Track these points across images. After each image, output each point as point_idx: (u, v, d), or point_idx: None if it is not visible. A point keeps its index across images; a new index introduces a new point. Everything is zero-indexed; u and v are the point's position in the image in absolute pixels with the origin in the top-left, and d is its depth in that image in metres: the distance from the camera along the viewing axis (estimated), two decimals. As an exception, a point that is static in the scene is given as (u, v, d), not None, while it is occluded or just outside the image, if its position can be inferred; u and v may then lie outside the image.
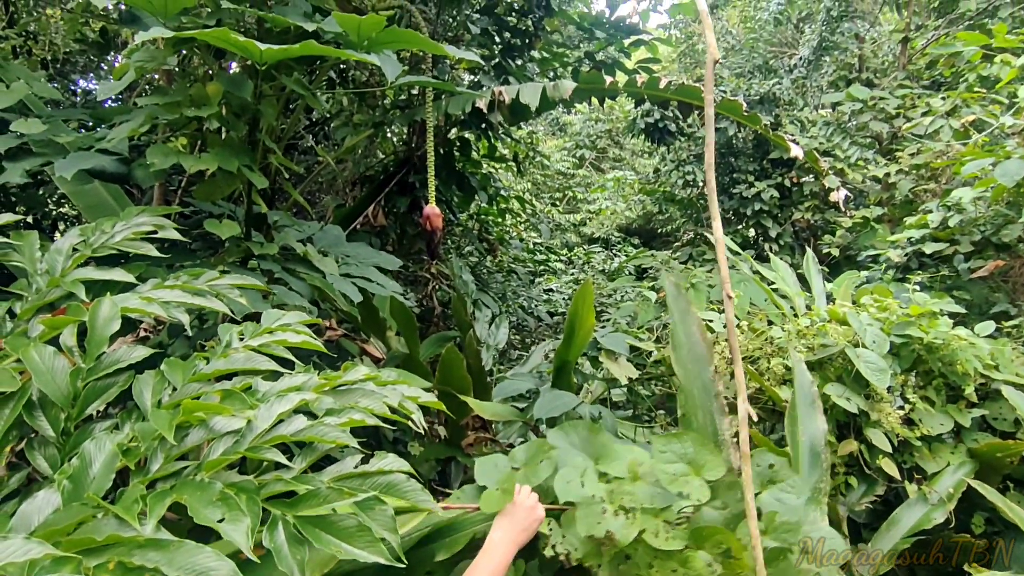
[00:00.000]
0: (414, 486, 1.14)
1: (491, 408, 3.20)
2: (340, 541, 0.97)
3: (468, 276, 5.76)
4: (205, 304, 1.46)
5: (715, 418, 2.38)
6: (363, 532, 0.99)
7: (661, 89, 4.10)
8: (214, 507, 0.93)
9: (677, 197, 10.49)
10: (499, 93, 4.36)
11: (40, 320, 1.29)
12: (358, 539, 0.98)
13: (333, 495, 1.01)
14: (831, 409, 2.72)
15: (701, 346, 2.51)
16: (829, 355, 2.79)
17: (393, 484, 1.13)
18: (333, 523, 1.00)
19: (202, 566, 0.83)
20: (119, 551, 0.83)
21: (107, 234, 1.56)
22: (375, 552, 0.96)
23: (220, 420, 1.11)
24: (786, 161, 8.30)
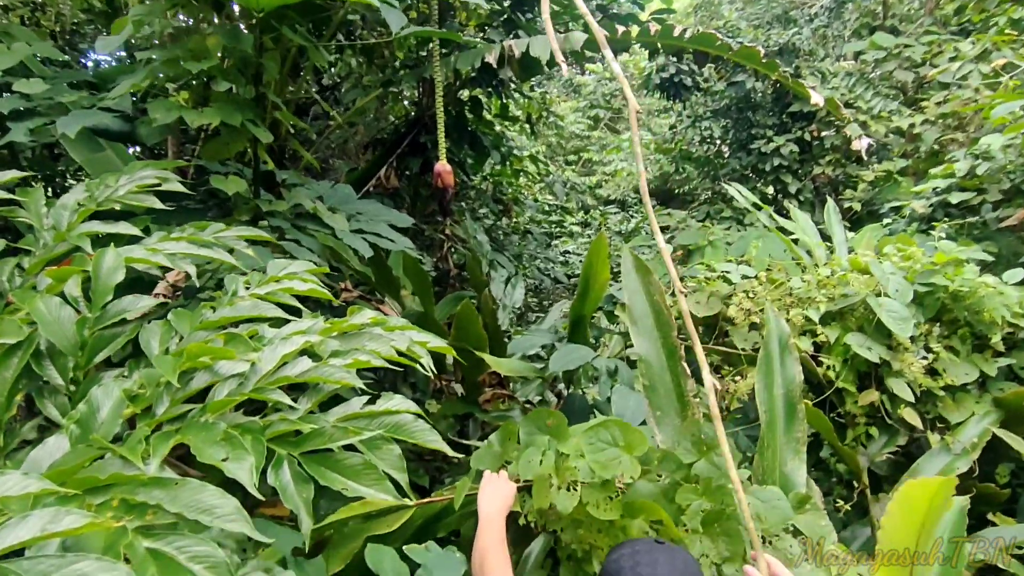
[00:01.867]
0: (422, 426, 1.13)
1: (508, 364, 3.20)
2: (346, 479, 0.97)
3: (483, 237, 5.72)
4: (212, 256, 1.45)
5: (680, 381, 2.40)
6: (369, 470, 0.98)
7: (675, 37, 3.97)
8: (218, 447, 0.92)
9: (694, 155, 10.29)
10: (509, 47, 4.26)
11: (46, 272, 1.29)
12: (364, 477, 0.97)
13: (338, 434, 1.00)
14: (851, 359, 2.67)
15: (664, 314, 2.49)
16: (850, 305, 2.73)
17: (401, 424, 1.11)
18: (338, 461, 0.99)
19: (206, 503, 0.83)
20: (122, 490, 0.83)
21: (111, 188, 1.55)
22: (381, 490, 0.95)
23: (224, 364, 1.10)
24: (806, 114, 8.07)
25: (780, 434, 2.36)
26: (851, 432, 2.68)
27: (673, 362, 2.44)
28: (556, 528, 2.00)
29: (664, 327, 2.48)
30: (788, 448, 2.33)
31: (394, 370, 3.97)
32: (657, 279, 2.51)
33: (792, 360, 2.40)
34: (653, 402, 2.39)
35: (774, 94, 8.29)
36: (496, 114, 6.26)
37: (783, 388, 2.38)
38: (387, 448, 1.03)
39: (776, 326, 2.47)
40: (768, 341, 2.46)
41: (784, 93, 8.18)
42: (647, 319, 2.50)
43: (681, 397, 2.39)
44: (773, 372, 2.42)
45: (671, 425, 2.37)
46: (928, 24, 8.02)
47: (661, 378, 2.42)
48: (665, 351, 2.45)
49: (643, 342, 2.46)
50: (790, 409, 2.36)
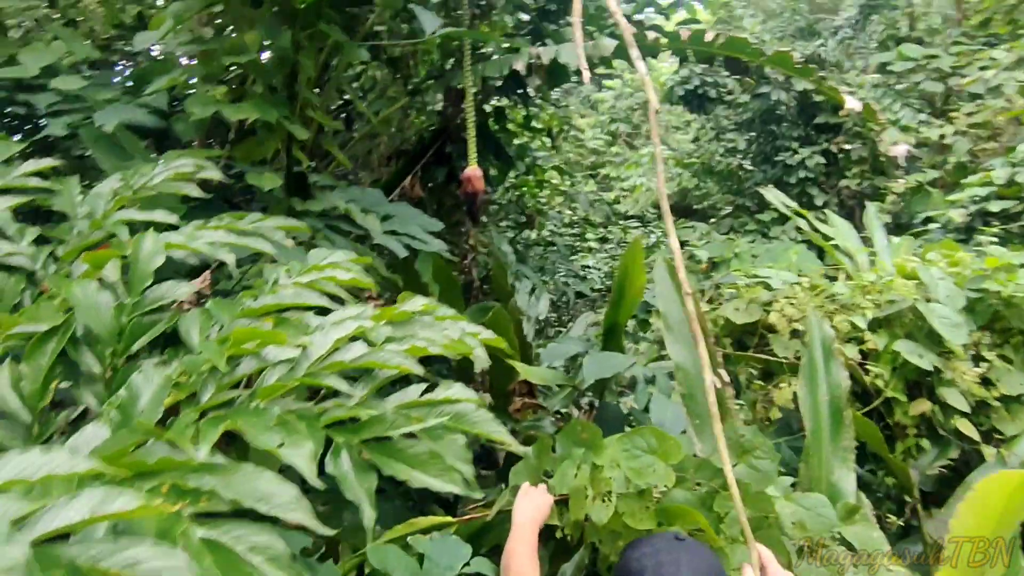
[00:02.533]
0: (484, 416, 1.06)
1: (539, 373, 3.12)
2: (410, 468, 0.89)
3: (507, 248, 5.67)
4: (250, 244, 1.40)
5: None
6: (435, 459, 0.91)
7: (707, 43, 3.92)
8: (272, 432, 0.86)
9: (716, 168, 10.21)
10: (536, 55, 4.23)
11: (83, 256, 1.24)
12: (430, 467, 0.90)
13: (400, 420, 0.93)
14: (900, 367, 2.56)
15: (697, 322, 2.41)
16: (898, 311, 2.63)
17: (462, 414, 1.04)
18: (401, 449, 0.92)
19: (262, 491, 0.77)
20: (172, 475, 0.77)
21: (147, 176, 1.51)
22: (449, 481, 0.88)
23: (272, 349, 1.04)
24: (832, 126, 7.97)
25: (826, 443, 2.26)
26: (900, 444, 2.57)
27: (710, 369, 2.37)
28: (594, 540, 1.93)
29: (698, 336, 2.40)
30: (835, 457, 2.23)
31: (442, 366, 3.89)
32: (690, 287, 2.44)
33: (837, 365, 2.31)
34: (691, 410, 2.30)
35: (799, 106, 8.21)
36: (520, 124, 6.24)
37: (828, 394, 2.28)
38: (450, 438, 0.96)
39: (819, 330, 2.38)
40: (811, 346, 2.36)
41: (809, 105, 8.09)
42: (682, 327, 2.40)
43: (720, 405, 2.31)
44: (817, 378, 2.32)
45: (711, 433, 2.28)
46: (956, 35, 7.93)
47: (699, 386, 2.34)
48: (697, 360, 2.38)
49: (679, 350, 2.37)
50: (836, 416, 2.26)
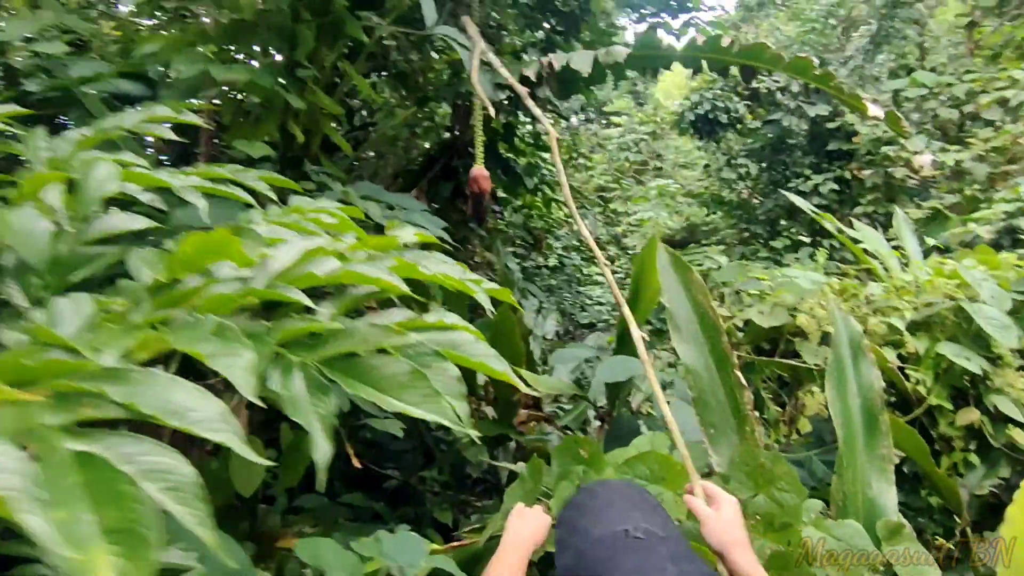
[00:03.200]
0: (485, 350, 0.86)
1: (547, 382, 2.92)
2: (382, 392, 0.69)
3: (514, 264, 5.51)
4: (225, 191, 1.22)
5: (735, 392, 2.07)
6: (418, 382, 0.71)
7: (723, 49, 3.80)
8: (205, 342, 0.67)
9: (726, 199, 10.09)
10: (548, 63, 4.13)
11: (22, 180, 1.07)
12: (410, 391, 0.70)
13: (375, 334, 0.74)
14: (943, 373, 2.35)
15: (709, 316, 2.17)
16: (938, 313, 2.42)
17: (457, 343, 0.85)
18: (374, 367, 0.72)
19: (177, 403, 0.58)
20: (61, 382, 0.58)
21: (120, 118, 1.34)
22: (434, 410, 0.68)
23: (226, 266, 0.85)
24: (846, 153, 7.86)
25: (860, 451, 2.03)
26: (946, 458, 2.34)
27: (725, 372, 2.11)
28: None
29: (711, 331, 2.15)
30: (871, 467, 2.00)
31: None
32: (699, 277, 2.24)
33: (867, 364, 2.09)
34: (705, 418, 2.06)
35: (811, 133, 8.11)
36: (528, 144, 6.13)
37: (859, 397, 2.07)
38: (439, 367, 0.76)
39: (845, 327, 2.17)
40: (837, 344, 2.15)
41: (822, 132, 8.00)
42: (691, 323, 2.18)
43: (737, 411, 2.05)
44: (846, 379, 2.10)
45: (727, 443, 2.04)
46: (969, 65, 7.86)
47: (712, 390, 2.09)
48: (714, 359, 2.13)
49: (688, 349, 2.14)
50: (870, 421, 2.03)
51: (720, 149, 8.81)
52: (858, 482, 2.01)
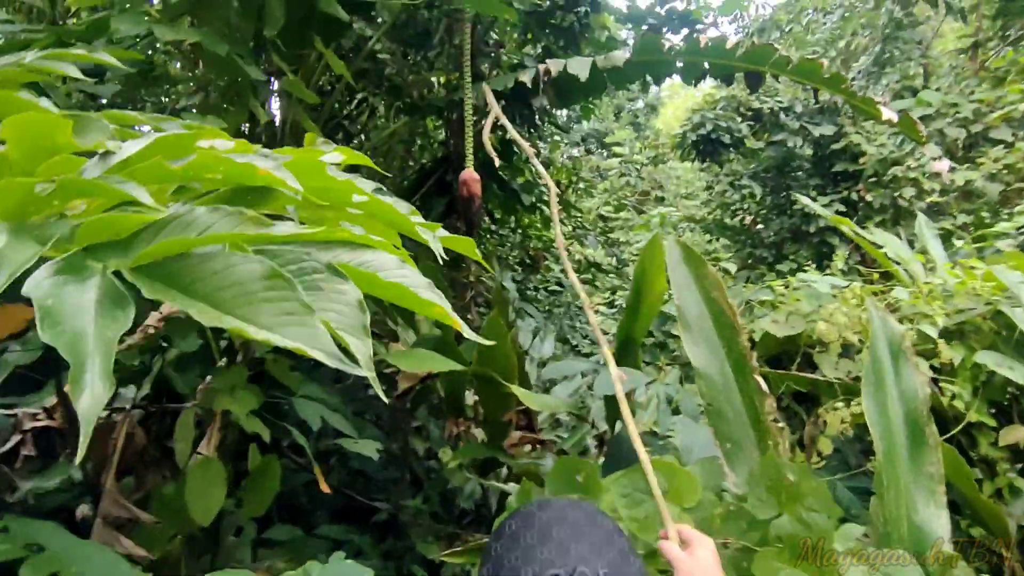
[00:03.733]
0: (413, 279, 0.63)
1: (540, 399, 2.66)
2: (215, 307, 0.45)
3: (511, 284, 5.28)
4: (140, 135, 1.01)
5: (754, 400, 1.82)
6: (280, 293, 0.47)
7: (727, 52, 3.63)
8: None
9: (729, 223, 9.91)
10: (545, 69, 3.96)
11: None
12: (263, 306, 0.46)
13: (220, 223, 0.50)
14: (984, 385, 2.09)
15: (725, 315, 1.94)
16: (972, 320, 2.18)
17: (372, 266, 0.61)
18: (209, 272, 0.48)
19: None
20: None
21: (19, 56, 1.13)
22: (299, 335, 0.44)
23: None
24: (851, 174, 7.69)
25: (904, 469, 1.77)
26: (989, 483, 2.07)
27: (743, 377, 1.87)
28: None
29: (727, 331, 1.92)
30: (918, 488, 1.74)
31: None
32: (714, 272, 2.00)
33: (910, 368, 1.84)
34: (720, 431, 1.83)
35: (816, 155, 7.96)
36: (527, 160, 5.96)
37: (903, 406, 1.81)
38: (333, 288, 0.52)
39: (883, 327, 1.92)
40: (875, 346, 1.90)
41: (827, 153, 7.84)
42: (704, 322, 1.94)
43: (757, 422, 1.81)
44: (885, 385, 1.85)
45: (747, 460, 1.78)
46: (975, 84, 7.74)
47: (728, 398, 1.85)
48: (731, 363, 1.89)
49: (701, 352, 1.90)
50: (916, 434, 1.78)
51: (723, 171, 8.65)
52: (902, 504, 1.74)
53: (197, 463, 2.37)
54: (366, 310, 0.52)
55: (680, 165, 15.71)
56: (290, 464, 3.00)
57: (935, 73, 8.69)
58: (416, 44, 5.26)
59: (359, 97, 5.71)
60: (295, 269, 0.53)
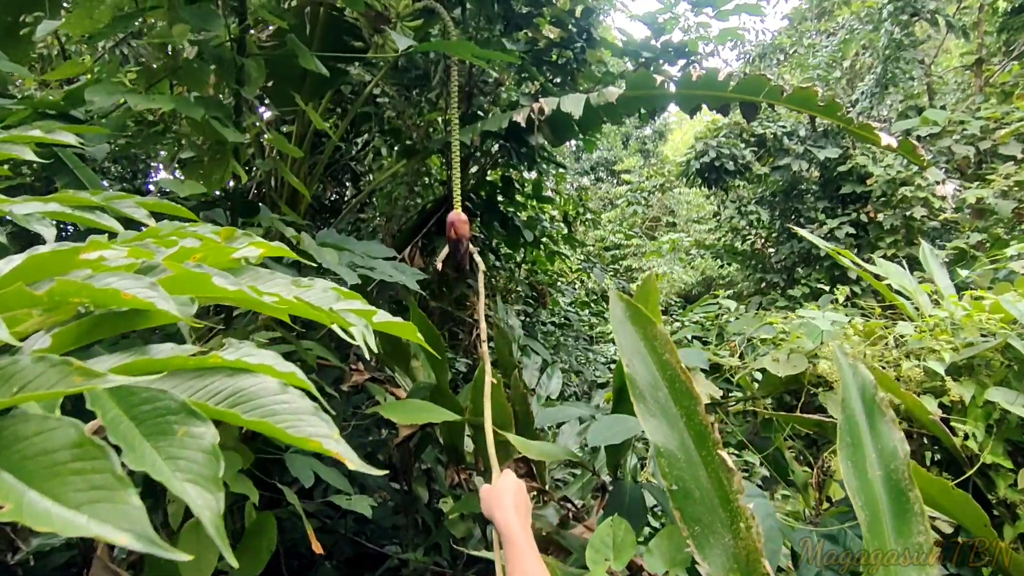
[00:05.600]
0: (296, 405, 0.57)
1: (539, 448, 2.58)
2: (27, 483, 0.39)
3: (515, 321, 5.23)
4: (95, 221, 0.99)
5: (721, 477, 1.64)
6: (87, 461, 0.41)
7: (719, 84, 3.61)
8: None
9: (739, 249, 9.83)
10: (538, 108, 3.97)
11: None
12: (70, 479, 0.39)
13: (48, 375, 0.45)
14: (998, 424, 2.00)
15: (680, 380, 1.76)
16: (982, 353, 2.10)
17: (249, 395, 0.55)
18: (23, 439, 0.43)
19: None
20: None
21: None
22: (104, 513, 0.38)
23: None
24: (860, 196, 7.61)
25: (890, 539, 1.64)
26: (1009, 529, 1.96)
27: (707, 451, 1.68)
28: None
29: (684, 399, 1.73)
30: (907, 563, 1.61)
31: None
32: (664, 331, 1.85)
33: (886, 424, 1.71)
34: (688, 513, 1.63)
35: (823, 177, 7.90)
36: (529, 195, 5.96)
37: (882, 468, 1.68)
38: (188, 431, 0.47)
39: (852, 377, 1.81)
40: (846, 402, 1.76)
41: (833, 176, 7.78)
42: (658, 390, 1.75)
43: (727, 502, 1.62)
44: (861, 445, 1.72)
45: (719, 545, 1.60)
46: (980, 101, 7.68)
47: (693, 476, 1.66)
48: (692, 435, 1.70)
49: (658, 425, 1.71)
50: (898, 499, 1.64)
51: (729, 197, 8.60)
52: None
53: (190, 525, 2.32)
54: (220, 457, 0.48)
55: (689, 190, 15.70)
56: (295, 511, 2.95)
57: (940, 91, 8.63)
58: (415, 86, 5.31)
59: (364, 139, 5.78)
60: (149, 410, 0.49)
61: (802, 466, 2.40)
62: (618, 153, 19.87)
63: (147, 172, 4.84)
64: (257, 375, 0.59)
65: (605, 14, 5.88)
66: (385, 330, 0.85)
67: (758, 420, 2.55)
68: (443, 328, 5.68)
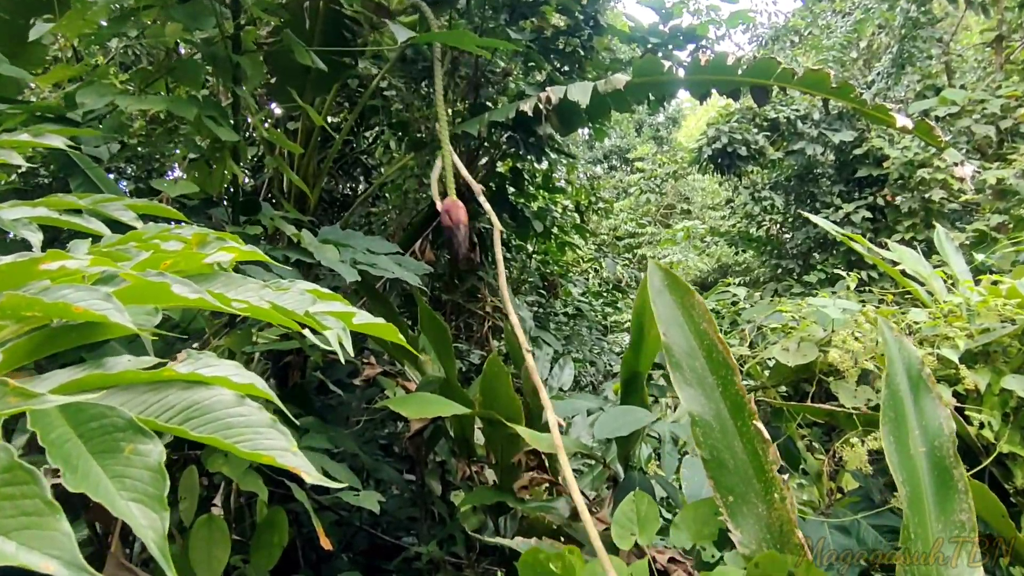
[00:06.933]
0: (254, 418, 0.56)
1: (549, 440, 2.57)
2: None
3: (526, 313, 5.21)
4: (78, 224, 0.98)
5: (757, 447, 1.64)
6: (16, 486, 0.40)
7: (728, 68, 3.54)
8: None
9: (754, 235, 9.71)
10: (545, 97, 3.93)
11: None
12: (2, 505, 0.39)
13: None
14: (1014, 412, 1.95)
15: (717, 350, 1.76)
16: (998, 340, 2.04)
17: (201, 408, 0.54)
18: None
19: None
20: None
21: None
22: (44, 543, 0.38)
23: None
24: (876, 179, 7.47)
25: (931, 518, 1.62)
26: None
27: (742, 420, 1.69)
28: None
29: (721, 369, 1.74)
30: (948, 540, 1.58)
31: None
32: (702, 301, 1.85)
33: (932, 401, 1.70)
34: (721, 483, 1.64)
35: (838, 161, 7.76)
36: (539, 186, 5.93)
37: (925, 444, 1.67)
38: (135, 449, 0.46)
39: (899, 354, 1.78)
40: (891, 377, 1.74)
41: (849, 159, 7.65)
42: (695, 360, 1.76)
43: (762, 472, 1.63)
44: (906, 422, 1.70)
45: (752, 514, 1.60)
46: (1000, 79, 7.48)
47: (728, 446, 1.67)
48: (728, 405, 1.71)
49: (694, 394, 1.72)
50: (941, 477, 1.63)
51: (743, 183, 8.49)
52: (931, 560, 1.59)
53: (200, 522, 2.34)
54: (165, 476, 0.47)
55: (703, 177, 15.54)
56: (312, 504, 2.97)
57: (959, 69, 8.44)
58: (422, 78, 5.28)
59: (374, 133, 5.77)
60: (96, 427, 0.48)
61: (814, 455, 2.36)
62: (631, 141, 19.69)
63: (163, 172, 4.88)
64: (213, 387, 0.58)
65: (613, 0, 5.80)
66: (366, 331, 0.84)
67: (769, 410, 2.51)
68: (456, 320, 5.68)
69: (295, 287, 0.75)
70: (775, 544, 1.51)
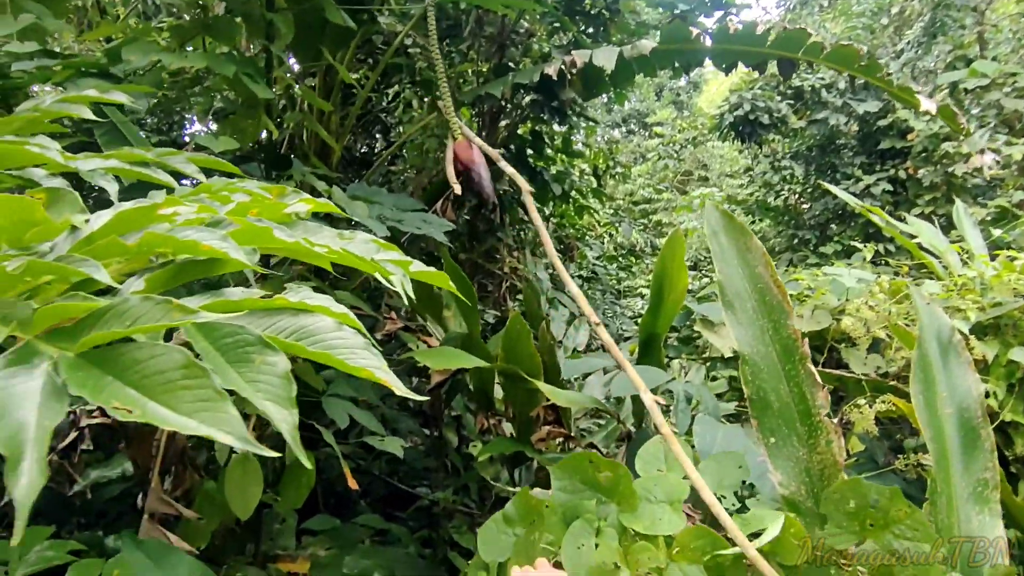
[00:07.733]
0: (350, 340, 0.65)
1: (567, 396, 2.67)
2: (141, 394, 0.49)
3: (543, 274, 5.29)
4: (145, 174, 1.06)
5: (804, 390, 1.68)
6: (194, 381, 0.50)
7: (757, 37, 3.52)
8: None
9: (772, 204, 9.65)
10: (570, 61, 3.92)
11: None
12: (181, 394, 0.49)
13: (152, 312, 0.54)
14: (1017, 384, 2.02)
15: (771, 292, 1.79)
16: (1008, 313, 2.10)
17: (310, 332, 0.64)
18: (138, 360, 0.53)
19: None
20: None
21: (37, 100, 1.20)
22: (209, 421, 0.48)
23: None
24: (899, 151, 7.39)
25: (957, 475, 1.67)
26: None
27: (792, 364, 1.72)
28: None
29: (774, 312, 1.78)
30: (969, 495, 1.63)
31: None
32: (759, 244, 1.89)
33: (962, 365, 1.74)
34: (765, 424, 1.69)
35: (861, 132, 7.67)
36: (558, 149, 5.93)
37: (954, 405, 1.72)
38: (264, 360, 0.56)
39: (931, 320, 1.82)
40: (922, 341, 1.78)
41: (873, 131, 7.55)
42: (747, 300, 1.80)
43: (807, 416, 1.67)
44: (935, 383, 1.74)
45: (792, 457, 1.65)
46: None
47: (774, 388, 1.70)
48: (778, 347, 1.75)
49: (744, 332, 1.76)
50: (968, 436, 1.68)
51: (763, 152, 8.42)
52: (954, 513, 1.65)
53: (235, 461, 2.47)
54: (292, 381, 0.56)
55: (723, 144, 15.33)
56: (333, 453, 3.12)
57: (993, 40, 8.23)
58: (445, 36, 5.26)
59: (395, 91, 5.77)
60: (230, 342, 0.57)
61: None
62: (650, 105, 19.40)
63: (182, 124, 4.94)
64: (316, 315, 0.67)
65: (640, -39, 5.71)
66: (421, 279, 0.92)
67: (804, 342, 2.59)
68: (473, 280, 5.77)
69: (358, 236, 0.84)
70: (814, 487, 1.57)
